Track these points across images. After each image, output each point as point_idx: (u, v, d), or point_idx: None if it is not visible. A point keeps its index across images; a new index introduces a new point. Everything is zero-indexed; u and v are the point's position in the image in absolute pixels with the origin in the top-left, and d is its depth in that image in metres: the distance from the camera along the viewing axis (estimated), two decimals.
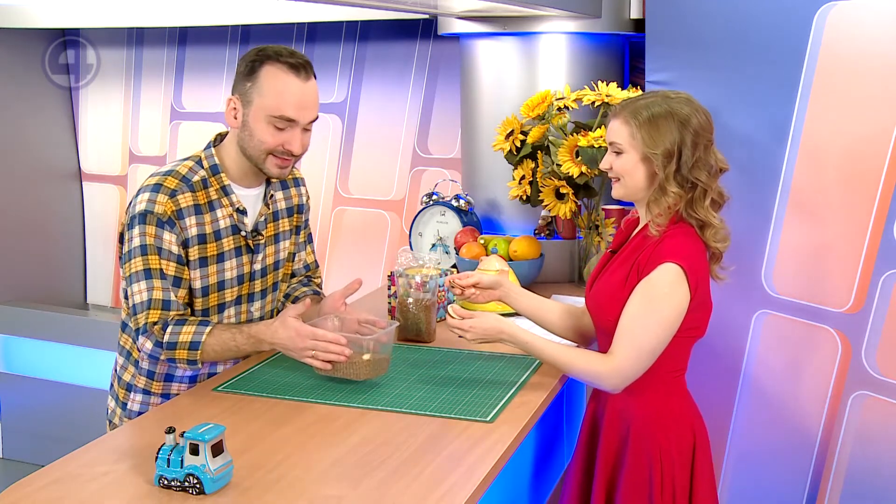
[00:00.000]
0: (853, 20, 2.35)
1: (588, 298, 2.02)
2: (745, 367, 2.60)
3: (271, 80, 1.92)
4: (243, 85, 1.95)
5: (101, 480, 1.52)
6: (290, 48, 1.96)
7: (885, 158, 2.30)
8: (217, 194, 2.00)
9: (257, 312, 2.11)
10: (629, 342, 1.84)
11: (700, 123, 1.86)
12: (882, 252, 2.32)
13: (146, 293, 1.92)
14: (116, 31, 4.28)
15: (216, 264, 1.99)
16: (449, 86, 3.63)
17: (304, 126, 1.97)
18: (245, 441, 1.67)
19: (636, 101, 1.90)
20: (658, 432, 1.92)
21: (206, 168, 2.00)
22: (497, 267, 2.57)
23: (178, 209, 1.93)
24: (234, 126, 1.98)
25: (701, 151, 1.85)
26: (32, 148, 4.34)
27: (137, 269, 1.93)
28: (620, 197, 1.95)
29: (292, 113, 1.93)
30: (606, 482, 1.97)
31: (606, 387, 1.89)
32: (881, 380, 2.35)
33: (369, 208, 3.89)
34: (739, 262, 2.52)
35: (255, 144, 1.95)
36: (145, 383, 2.06)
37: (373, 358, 1.95)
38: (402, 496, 1.48)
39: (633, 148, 1.87)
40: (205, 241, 1.97)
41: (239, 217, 2.02)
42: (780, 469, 2.56)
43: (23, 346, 4.17)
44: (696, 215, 1.87)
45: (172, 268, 1.93)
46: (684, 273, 1.82)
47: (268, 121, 1.93)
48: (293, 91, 1.93)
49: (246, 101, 1.94)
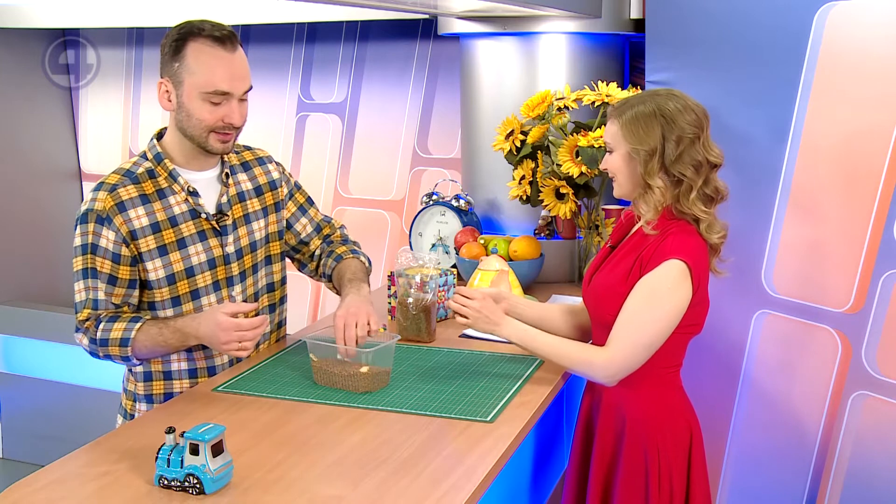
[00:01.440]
0: (853, 20, 2.36)
1: (586, 292, 2.03)
2: (744, 367, 2.60)
3: (198, 57, 1.90)
4: (171, 66, 1.93)
5: (101, 480, 1.53)
6: (211, 21, 1.94)
7: (885, 158, 2.30)
8: (166, 182, 1.99)
9: (239, 296, 2.08)
10: (627, 335, 1.86)
11: (686, 118, 1.87)
12: (882, 252, 2.32)
13: (83, 293, 1.96)
14: (116, 31, 4.29)
15: (178, 251, 1.98)
16: (449, 86, 3.63)
17: (240, 97, 1.95)
18: (245, 441, 1.67)
19: (626, 101, 1.94)
20: (653, 426, 1.93)
21: (150, 158, 2.01)
22: (497, 267, 2.57)
23: (120, 202, 1.94)
24: (169, 108, 1.97)
25: (686, 146, 1.86)
26: (32, 148, 4.34)
27: (77, 269, 1.97)
28: (618, 196, 1.98)
29: (226, 86, 1.91)
30: (603, 475, 1.99)
31: (600, 378, 1.90)
32: (881, 380, 2.35)
33: (369, 208, 3.89)
34: (739, 261, 2.52)
35: (195, 124, 1.94)
36: (145, 388, 2.06)
37: (371, 371, 1.94)
38: (402, 496, 1.48)
39: (619, 146, 1.91)
40: (159, 228, 1.96)
41: (194, 200, 2.00)
42: (780, 469, 2.56)
43: (23, 346, 4.17)
44: (685, 210, 1.88)
45: (108, 266, 1.94)
46: (689, 269, 1.84)
47: (202, 98, 1.91)
48: (222, 64, 1.91)
49: (177, 82, 1.93)
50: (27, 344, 4.15)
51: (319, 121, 3.95)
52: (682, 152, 1.86)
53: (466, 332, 2.39)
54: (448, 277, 2.52)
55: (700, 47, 2.61)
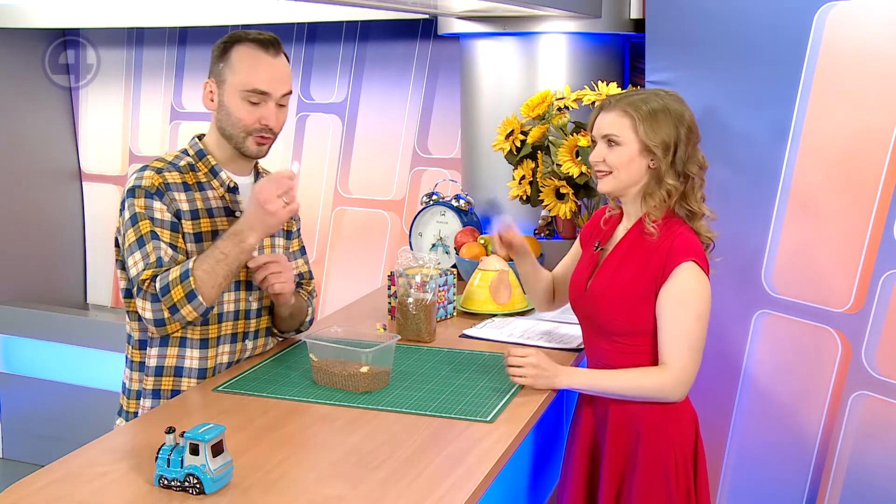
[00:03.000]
0: (853, 20, 2.36)
1: (582, 298, 2.02)
2: (744, 366, 2.60)
3: (242, 57, 1.98)
4: (217, 67, 2.01)
5: (101, 480, 1.52)
6: (259, 30, 2.02)
7: (885, 158, 2.30)
8: (206, 177, 2.03)
9: (255, 303, 2.09)
10: (679, 348, 1.88)
11: (691, 120, 1.92)
12: (882, 252, 2.32)
13: (141, 261, 1.92)
14: (116, 31, 4.29)
15: (212, 241, 1.97)
16: (449, 86, 3.63)
17: (279, 101, 2.00)
18: (245, 441, 1.67)
19: (631, 96, 1.94)
20: (669, 428, 1.94)
21: (192, 154, 2.05)
22: (497, 267, 2.57)
23: (165, 183, 1.97)
24: (211, 108, 2.03)
25: (692, 147, 1.92)
26: (32, 148, 4.34)
27: (131, 241, 1.94)
28: (609, 191, 1.96)
29: (264, 85, 1.97)
30: (616, 487, 1.98)
31: (675, 398, 1.92)
32: (881, 380, 2.35)
33: (369, 208, 3.89)
34: (739, 261, 2.53)
35: (234, 122, 1.99)
36: (154, 382, 2.04)
37: (371, 371, 1.94)
38: (402, 496, 1.48)
39: (633, 140, 1.90)
40: (198, 216, 1.99)
41: (231, 197, 2.04)
42: (780, 469, 2.56)
43: (23, 346, 4.17)
44: (689, 207, 1.92)
45: (167, 234, 1.94)
46: (701, 267, 1.89)
47: (241, 96, 1.97)
48: (263, 65, 1.98)
49: (220, 82, 2.00)
50: (27, 344, 4.15)
51: (319, 121, 3.95)
52: (690, 151, 1.91)
53: (466, 332, 2.39)
54: (448, 277, 2.52)
55: (700, 47, 2.61)
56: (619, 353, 1.96)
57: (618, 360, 1.96)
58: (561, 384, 1.95)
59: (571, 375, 1.98)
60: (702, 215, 1.93)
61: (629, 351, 1.94)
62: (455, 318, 2.56)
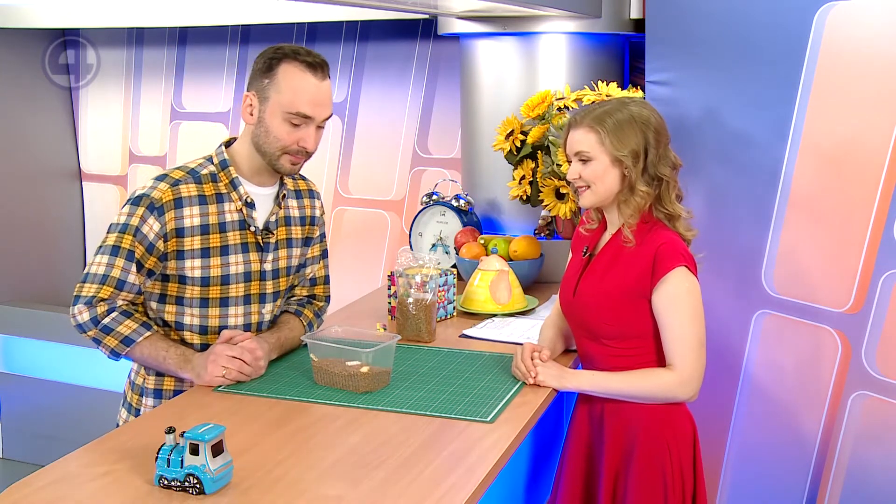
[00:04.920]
0: (853, 20, 2.35)
1: (571, 303, 2.05)
2: (744, 366, 2.60)
3: (289, 78, 1.95)
4: (260, 81, 1.98)
5: (101, 480, 1.53)
6: (307, 48, 2.00)
7: (885, 158, 2.30)
8: (226, 188, 2.02)
9: (268, 315, 2.10)
10: (683, 347, 1.91)
11: (658, 123, 1.96)
12: (882, 252, 2.32)
13: (106, 268, 1.95)
14: (116, 31, 4.28)
15: (220, 256, 1.99)
16: (449, 86, 3.63)
17: (319, 123, 2.00)
18: (245, 441, 1.67)
19: (596, 110, 1.97)
20: (666, 429, 1.96)
21: (216, 164, 2.04)
22: (497, 267, 2.57)
23: (178, 198, 1.96)
24: (250, 122, 2.00)
25: (662, 149, 1.95)
26: (32, 148, 4.34)
27: (108, 244, 1.96)
28: (591, 205, 2.01)
29: (308, 110, 1.96)
30: (612, 488, 1.99)
31: (685, 398, 1.96)
32: (881, 380, 2.35)
33: (369, 208, 3.89)
34: (739, 261, 2.53)
35: (271, 141, 1.98)
36: (155, 382, 2.05)
37: (371, 371, 1.94)
38: (402, 496, 1.48)
39: (602, 153, 1.93)
40: (207, 231, 1.99)
41: (248, 212, 2.03)
42: (780, 469, 2.56)
43: (23, 346, 4.17)
44: (665, 209, 1.96)
45: (140, 251, 1.95)
46: (688, 268, 1.92)
47: (284, 117, 1.96)
48: (310, 89, 1.96)
49: (262, 98, 1.97)
50: (27, 344, 4.15)
51: None
52: (661, 153, 1.94)
53: (466, 333, 2.39)
54: (448, 277, 2.52)
55: (700, 47, 2.61)
56: (609, 357, 1.98)
57: (609, 364, 1.98)
58: (569, 383, 1.98)
59: (579, 376, 2.00)
60: (678, 216, 1.97)
61: (619, 354, 1.97)
62: (455, 318, 2.56)
